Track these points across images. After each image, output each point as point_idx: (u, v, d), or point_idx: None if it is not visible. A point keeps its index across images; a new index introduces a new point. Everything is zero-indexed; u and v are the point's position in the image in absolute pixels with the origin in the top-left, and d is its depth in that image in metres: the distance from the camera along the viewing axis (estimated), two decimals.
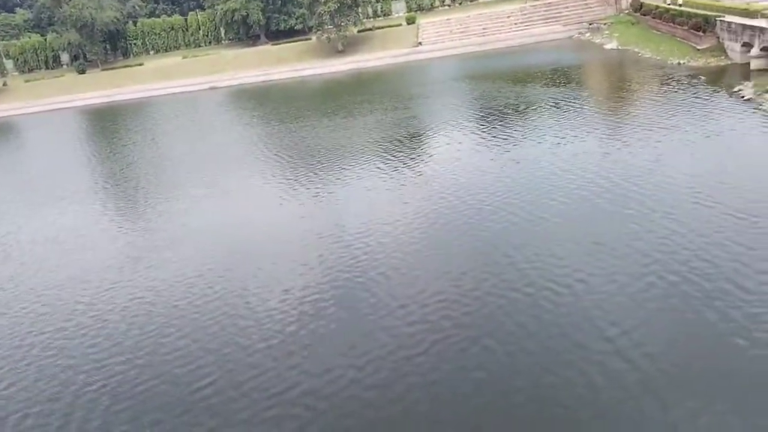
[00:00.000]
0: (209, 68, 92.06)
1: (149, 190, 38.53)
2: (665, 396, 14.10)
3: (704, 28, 50.26)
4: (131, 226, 32.19)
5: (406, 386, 15.79)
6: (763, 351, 14.92)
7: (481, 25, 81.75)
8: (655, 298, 17.71)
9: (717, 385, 14.24)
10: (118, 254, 27.90)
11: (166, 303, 22.35)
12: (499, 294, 19.32)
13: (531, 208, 25.43)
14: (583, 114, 39.16)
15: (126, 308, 22.39)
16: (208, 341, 19.29)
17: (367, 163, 36.20)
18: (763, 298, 16.88)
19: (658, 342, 15.90)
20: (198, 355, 18.61)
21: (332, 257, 23.84)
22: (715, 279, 18.09)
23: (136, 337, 20.30)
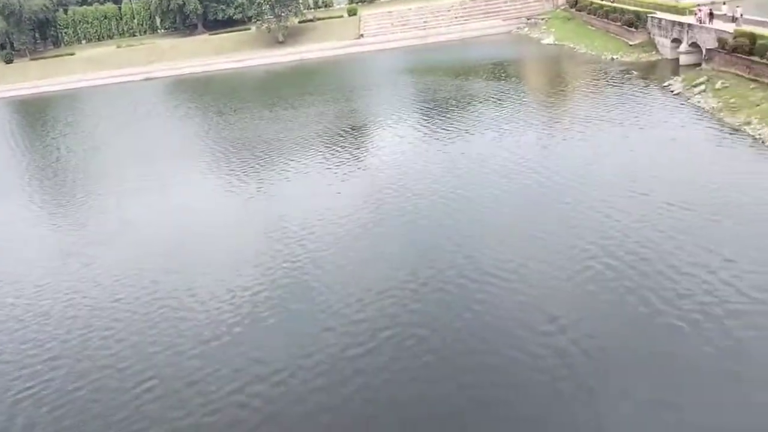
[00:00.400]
0: (144, 58, 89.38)
1: (81, 185, 37.17)
2: (596, 381, 14.54)
3: (636, 24, 51.87)
4: (62, 222, 31.01)
5: (349, 381, 15.75)
6: (691, 334, 15.54)
7: (422, 19, 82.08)
8: (591, 286, 18.22)
9: (647, 370, 14.76)
10: (49, 251, 26.84)
11: (102, 302, 21.60)
12: (441, 285, 19.48)
13: (472, 200, 25.75)
14: (522, 107, 39.85)
15: (59, 307, 21.54)
16: (147, 341, 18.75)
17: (309, 155, 35.89)
18: (691, 282, 17.56)
19: (593, 328, 16.37)
20: (137, 356, 18.06)
21: (274, 251, 23.52)
22: (646, 266, 18.72)
23: (69, 338, 19.55)
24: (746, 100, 32.16)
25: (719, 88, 34.94)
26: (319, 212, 26.60)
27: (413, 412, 14.47)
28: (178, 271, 23.14)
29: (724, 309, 16.26)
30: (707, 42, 40.00)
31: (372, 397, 15.17)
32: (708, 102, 34.18)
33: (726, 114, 31.85)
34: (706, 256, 18.81)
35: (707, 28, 40.79)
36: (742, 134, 29.05)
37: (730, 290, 16.98)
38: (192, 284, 21.80)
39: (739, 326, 15.57)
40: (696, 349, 15.09)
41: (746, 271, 17.72)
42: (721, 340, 15.19)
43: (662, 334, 15.80)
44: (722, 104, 33.12)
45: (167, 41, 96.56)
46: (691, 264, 18.48)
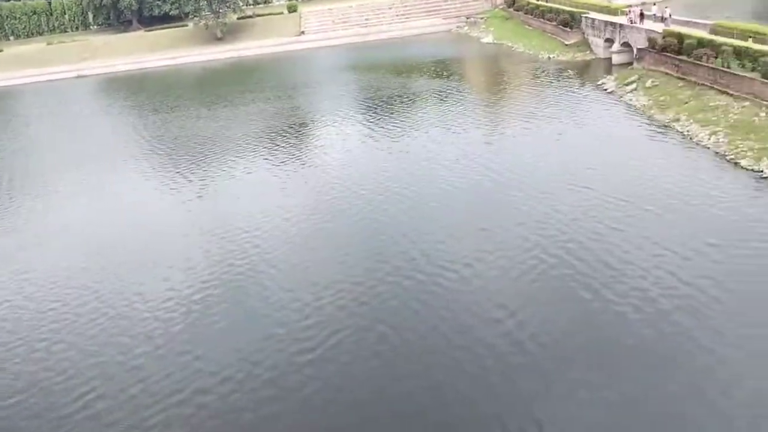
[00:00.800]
0: (77, 55, 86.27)
1: (10, 188, 35.64)
2: (547, 369, 14.92)
3: (571, 24, 53.25)
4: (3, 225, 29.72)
5: (301, 379, 15.65)
6: (630, 322, 16.12)
7: (363, 16, 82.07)
8: (536, 278, 18.68)
9: (594, 356, 15.23)
10: None
11: (37, 306, 20.82)
12: (391, 281, 19.56)
13: (418, 196, 25.96)
14: (464, 105, 40.39)
15: None
16: (88, 345, 18.19)
17: (249, 154, 35.44)
18: (631, 270, 18.26)
19: (539, 319, 16.77)
20: (76, 361, 17.48)
21: (218, 251, 23.12)
22: (589, 256, 19.35)
23: (8, 342, 18.77)
24: (675, 98, 33.49)
25: (649, 87, 36.26)
26: (263, 211, 26.33)
27: (373, 410, 14.52)
28: (118, 273, 22.52)
29: (662, 295, 16.97)
30: (638, 42, 41.44)
31: (331, 397, 15.09)
32: (639, 100, 35.42)
33: (656, 111, 33.08)
34: (643, 245, 19.61)
35: (638, 28, 42.26)
36: (672, 131, 30.23)
37: (669, 278, 17.76)
38: (134, 286, 21.26)
39: (676, 311, 16.27)
40: (636, 335, 15.69)
41: (684, 258, 18.61)
42: (660, 326, 15.84)
43: (606, 320, 16.39)
44: (652, 102, 34.38)
45: (100, 38, 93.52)
46: (630, 253, 19.21)
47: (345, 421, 14.29)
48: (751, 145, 26.19)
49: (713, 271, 17.91)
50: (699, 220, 21.04)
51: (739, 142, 26.75)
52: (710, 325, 15.73)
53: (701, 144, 27.91)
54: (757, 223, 20.44)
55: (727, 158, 25.94)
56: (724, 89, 31.21)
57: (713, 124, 29.18)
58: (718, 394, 13.65)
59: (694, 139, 28.62)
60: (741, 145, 26.52)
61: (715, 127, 28.78)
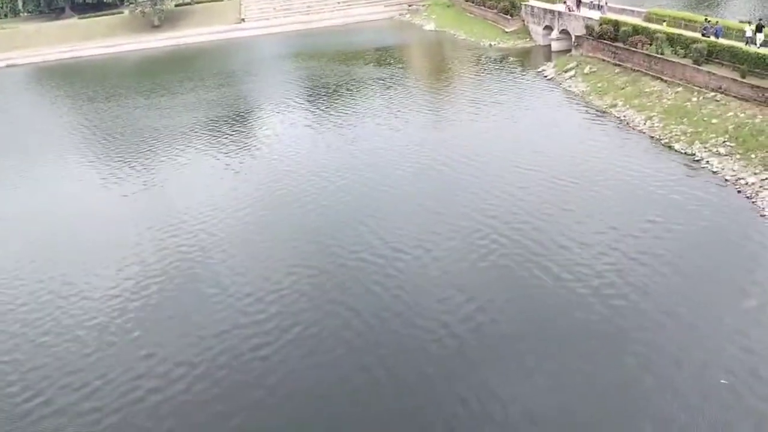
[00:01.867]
0: (6, 44, 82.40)
1: None
2: (501, 353, 15.08)
3: (511, 12, 53.84)
4: None
5: (263, 368, 15.45)
6: (579, 296, 16.44)
7: (305, 4, 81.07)
8: (488, 259, 18.92)
9: (545, 332, 15.48)
10: None
11: None
12: (344, 267, 19.46)
13: (365, 184, 25.85)
14: (407, 92, 40.36)
15: None
16: (34, 342, 17.49)
17: (189, 144, 34.60)
18: (576, 251, 18.66)
19: (492, 298, 16.98)
20: (22, 358, 16.76)
21: (164, 245, 22.49)
22: (535, 237, 19.74)
23: None
24: (612, 84, 34.27)
25: (587, 73, 37.00)
26: (206, 201, 25.77)
27: (336, 402, 14.38)
28: (56, 267, 21.75)
29: (606, 270, 17.42)
30: (576, 29, 42.20)
31: (295, 386, 14.91)
32: (578, 86, 36.12)
33: (594, 97, 33.80)
34: (587, 223, 20.25)
35: (576, 15, 43.03)
36: (609, 116, 30.96)
37: (613, 253, 18.34)
38: (77, 282, 20.56)
39: (621, 284, 16.71)
40: (585, 308, 16.06)
41: (625, 235, 19.24)
42: (607, 300, 16.26)
43: (555, 295, 16.80)
44: (590, 88, 35.11)
45: (31, 26, 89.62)
46: (575, 231, 19.75)
47: (309, 410, 14.17)
48: (684, 129, 27.04)
49: (653, 246, 18.58)
50: (638, 200, 21.73)
51: (673, 127, 27.57)
52: (653, 298, 16.27)
53: (637, 129, 28.66)
54: (691, 201, 21.19)
55: (662, 142, 26.72)
56: (659, 75, 32.09)
57: (648, 109, 30.00)
58: (667, 365, 14.06)
59: (631, 124, 29.36)
60: (675, 129, 27.34)
61: (650, 113, 29.59)
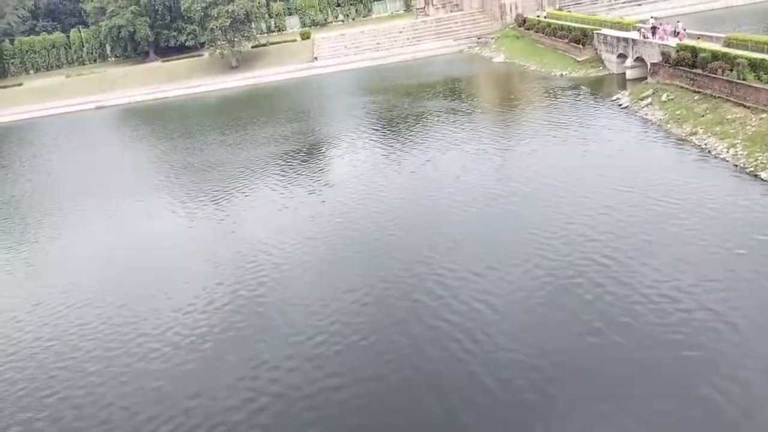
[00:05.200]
0: (95, 87, 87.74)
1: (31, 216, 35.97)
2: (557, 388, 14.51)
3: (583, 41, 53.11)
4: (15, 255, 29.89)
5: (331, 399, 15.43)
6: (658, 340, 15.66)
7: (374, 41, 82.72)
8: (555, 300, 18.22)
9: (605, 376, 14.78)
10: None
11: (61, 331, 20.79)
12: (409, 302, 19.26)
13: (434, 215, 25.71)
14: (476, 124, 40.25)
15: (16, 342, 20.60)
16: (112, 369, 18.08)
17: (259, 177, 35.51)
18: (653, 292, 17.74)
19: (558, 340, 16.36)
20: (99, 385, 17.36)
21: (232, 273, 23.00)
22: (611, 277, 18.86)
23: (31, 369, 18.68)
24: (691, 112, 33.06)
25: (665, 101, 35.87)
26: (277, 233, 26.20)
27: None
28: (137, 296, 22.50)
29: (679, 317, 16.49)
30: (652, 56, 41.13)
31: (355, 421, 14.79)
32: (655, 114, 35.04)
33: (672, 125, 32.67)
34: (669, 261, 19.13)
35: (651, 42, 42.00)
36: (689, 144, 29.78)
37: (688, 298, 17.26)
38: (152, 310, 21.21)
39: (711, 327, 15.80)
40: (668, 352, 15.22)
41: (704, 279, 18.07)
42: (692, 344, 15.36)
43: (620, 343, 15.91)
44: (668, 116, 33.98)
45: (118, 69, 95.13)
46: (657, 270, 18.72)
47: None
48: None
49: (742, 287, 17.41)
50: (723, 234, 20.49)
51: (758, 154, 26.24)
52: (741, 345, 15.24)
53: (720, 157, 27.43)
54: None
55: (747, 171, 25.44)
56: (741, 101, 30.74)
57: (731, 136, 28.71)
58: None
59: (713, 152, 28.14)
60: (760, 157, 26.01)
61: (733, 140, 28.30)
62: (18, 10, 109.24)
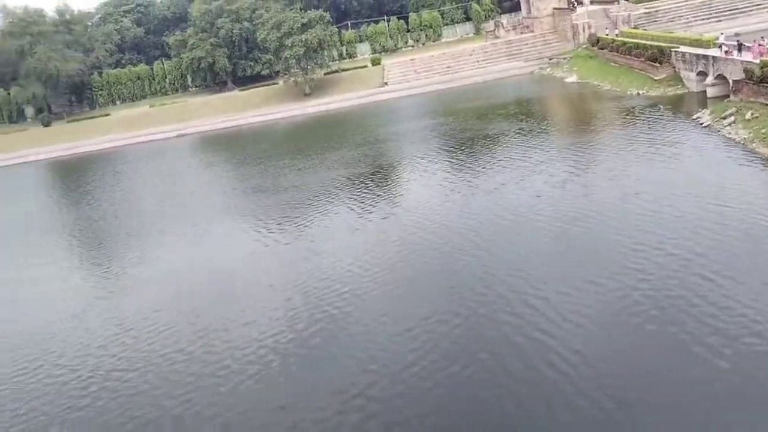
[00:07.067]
0: (177, 116, 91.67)
1: (119, 238, 37.62)
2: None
3: (660, 59, 51.45)
4: (96, 272, 31.29)
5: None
6: None
7: (444, 64, 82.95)
8: (639, 337, 17.37)
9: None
10: (88, 304, 26.84)
11: (154, 346, 21.54)
12: (482, 331, 18.83)
13: (509, 240, 25.13)
14: (552, 144, 39.41)
15: (104, 360, 21.42)
16: (187, 383, 18.52)
17: (335, 200, 35.85)
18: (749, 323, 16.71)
19: (644, 380, 15.58)
20: (174, 399, 17.77)
21: (307, 294, 23.21)
22: (702, 303, 17.89)
23: (117, 379, 19.37)
24: None
25: (749, 119, 34.13)
26: (348, 256, 26.30)
27: None
28: (213, 312, 23.07)
29: None
30: (734, 73, 39.34)
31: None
32: (738, 133, 33.36)
33: (758, 144, 30.98)
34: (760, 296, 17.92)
35: (733, 59, 40.17)
36: None
37: None
38: (227, 327, 21.70)
39: None
40: None
41: None
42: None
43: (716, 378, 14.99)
44: (753, 135, 32.27)
45: (198, 99, 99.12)
46: (750, 307, 17.58)
47: None
48: None
49: None
50: None
51: None
52: None
53: None
54: None
55: None
56: None
57: None
58: None
59: None
60: None
61: None
62: (106, 44, 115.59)
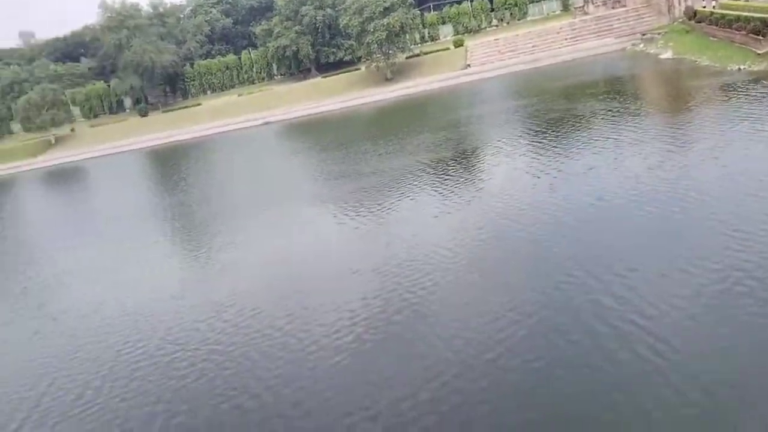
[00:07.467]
0: (263, 104, 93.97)
1: (210, 223, 38.93)
2: None
3: (764, 31, 47.85)
4: (194, 261, 32.50)
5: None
6: None
7: (530, 43, 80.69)
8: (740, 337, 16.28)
9: None
10: (186, 286, 27.85)
11: (244, 328, 21.93)
12: (573, 324, 18.05)
13: (599, 227, 23.91)
14: (644, 125, 37.42)
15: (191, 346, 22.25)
16: (269, 364, 18.86)
17: (416, 185, 35.59)
18: None
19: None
20: (255, 379, 18.19)
21: (390, 279, 23.08)
22: None
23: (208, 358, 20.06)
24: None
25: None
26: (431, 239, 25.98)
27: None
28: (300, 295, 23.38)
29: None
30: None
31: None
32: None
33: None
34: None
35: None
36: None
37: None
38: (315, 309, 21.89)
39: None
40: None
41: None
42: None
43: None
44: None
45: (283, 87, 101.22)
46: None
47: None
48: None
49: None
50: None
51: None
52: None
53: None
54: None
55: None
56: None
57: None
58: None
59: None
60: None
61: None
62: (197, 36, 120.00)
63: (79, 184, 77.15)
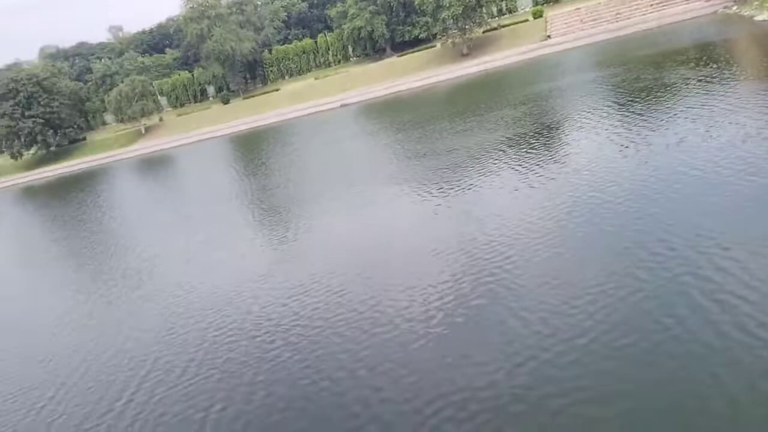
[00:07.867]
0: (339, 86, 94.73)
1: (291, 205, 39.81)
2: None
3: None
4: (277, 242, 33.36)
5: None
6: None
7: (613, 11, 77.40)
8: None
9: None
10: (269, 267, 28.57)
11: (324, 308, 22.34)
12: (666, 301, 17.41)
13: (692, 200, 22.67)
14: (739, 92, 35.18)
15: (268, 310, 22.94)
16: (348, 347, 19.19)
17: (494, 162, 35.01)
18: None
19: None
20: (338, 367, 18.55)
21: (473, 261, 22.83)
22: None
23: (285, 341, 20.64)
24: None
25: None
26: (516, 216, 25.52)
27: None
28: (380, 276, 23.58)
29: None
30: None
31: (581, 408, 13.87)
32: None
33: None
34: None
35: None
36: None
37: None
38: (395, 289, 21.98)
39: None
40: None
41: None
42: None
43: None
44: None
45: (359, 68, 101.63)
46: None
47: None
48: None
49: None
50: None
51: None
52: None
53: None
54: None
55: None
56: None
57: None
58: None
59: None
60: None
61: None
62: (274, 22, 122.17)
63: (168, 170, 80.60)
